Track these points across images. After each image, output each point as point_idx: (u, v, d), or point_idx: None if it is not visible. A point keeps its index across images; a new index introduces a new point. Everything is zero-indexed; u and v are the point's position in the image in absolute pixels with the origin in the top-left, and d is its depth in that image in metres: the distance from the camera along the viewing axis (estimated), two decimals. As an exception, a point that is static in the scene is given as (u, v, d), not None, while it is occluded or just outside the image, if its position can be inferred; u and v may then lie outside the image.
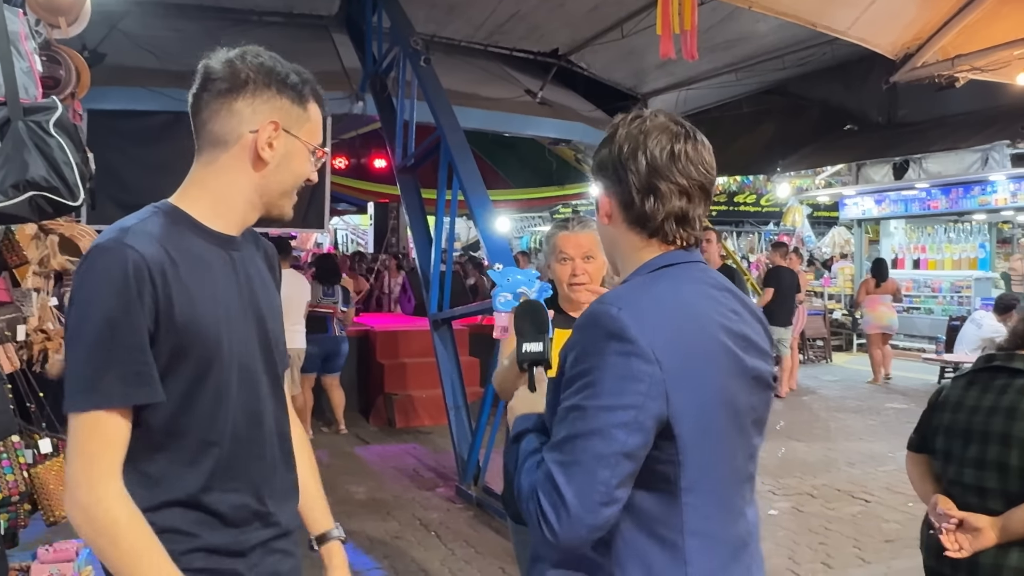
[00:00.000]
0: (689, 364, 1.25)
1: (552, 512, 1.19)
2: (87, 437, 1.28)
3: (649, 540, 1.27)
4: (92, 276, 1.29)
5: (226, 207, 1.44)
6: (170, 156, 7.53)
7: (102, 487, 1.27)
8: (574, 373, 1.24)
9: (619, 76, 10.90)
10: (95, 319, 1.27)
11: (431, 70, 6.28)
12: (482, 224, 5.31)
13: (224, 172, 1.43)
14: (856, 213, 14.70)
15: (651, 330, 1.22)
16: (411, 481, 5.94)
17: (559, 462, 1.21)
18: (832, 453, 6.85)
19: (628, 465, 1.21)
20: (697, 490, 1.27)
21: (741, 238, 20.51)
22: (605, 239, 1.47)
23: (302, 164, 1.47)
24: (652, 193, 1.32)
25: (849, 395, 9.71)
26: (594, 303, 1.30)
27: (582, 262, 2.38)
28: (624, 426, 1.19)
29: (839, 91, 11.22)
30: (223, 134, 1.41)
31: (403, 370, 8.06)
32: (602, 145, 1.40)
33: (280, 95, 1.42)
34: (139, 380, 1.29)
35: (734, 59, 10.01)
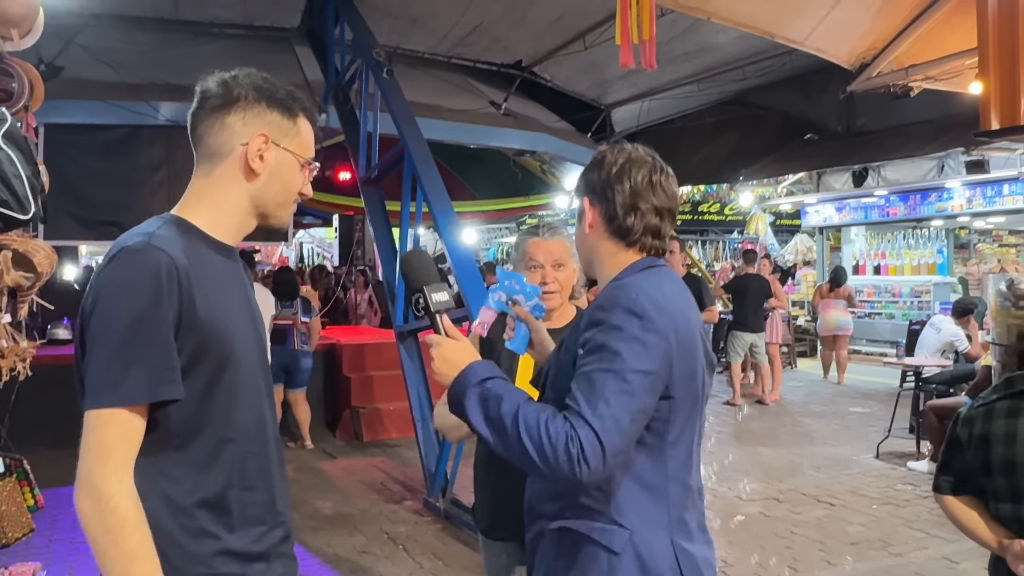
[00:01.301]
0: (683, 343, 1.54)
1: (592, 454, 1.39)
2: (104, 432, 1.32)
3: (640, 487, 1.55)
4: (121, 275, 1.35)
5: (224, 217, 1.52)
6: (129, 170, 7.58)
7: (117, 483, 1.31)
8: (600, 343, 1.48)
9: (582, 87, 10.99)
10: (124, 316, 1.32)
11: (394, 82, 6.27)
12: (447, 235, 5.30)
13: (219, 183, 1.51)
14: (818, 221, 14.92)
15: (661, 313, 1.51)
16: (378, 495, 5.89)
17: (597, 415, 1.42)
18: (797, 458, 6.92)
19: (643, 419, 1.49)
20: (678, 444, 1.58)
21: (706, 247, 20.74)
22: (584, 244, 1.73)
23: (293, 175, 1.55)
24: (634, 211, 1.64)
25: (813, 400, 9.82)
26: (611, 288, 1.57)
27: (552, 269, 2.33)
28: (646, 388, 1.47)
29: (799, 101, 11.41)
30: (217, 147, 1.50)
31: (370, 383, 8.00)
32: (591, 168, 1.70)
33: (270, 109, 1.51)
34: (164, 377, 1.34)
35: (695, 70, 10.14)
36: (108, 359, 1.32)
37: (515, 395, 1.50)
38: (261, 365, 1.56)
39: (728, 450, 7.22)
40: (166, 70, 7.38)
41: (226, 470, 1.44)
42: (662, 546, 1.55)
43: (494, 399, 1.49)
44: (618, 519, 1.54)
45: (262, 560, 1.48)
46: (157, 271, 1.34)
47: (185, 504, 1.39)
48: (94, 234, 7.52)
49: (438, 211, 5.40)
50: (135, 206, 7.48)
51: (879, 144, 10.79)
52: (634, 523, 1.54)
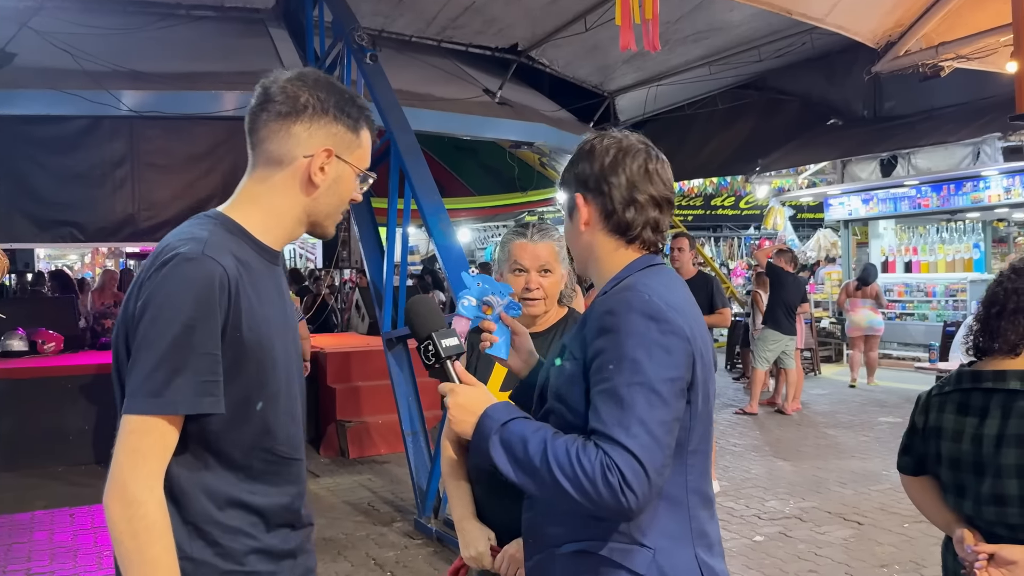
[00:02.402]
0: (698, 344, 1.55)
1: (635, 480, 1.39)
2: (141, 437, 1.42)
3: (660, 501, 1.54)
4: (174, 283, 1.44)
5: (276, 223, 1.63)
6: (88, 165, 7.57)
7: (148, 489, 1.41)
8: (619, 353, 1.47)
9: (584, 73, 11.00)
10: (174, 324, 1.41)
11: (379, 68, 6.27)
12: (437, 234, 5.30)
13: (277, 191, 1.61)
14: (842, 214, 14.92)
15: (677, 313, 1.52)
16: (365, 517, 5.88)
17: (631, 436, 1.42)
18: (821, 473, 6.91)
19: (677, 429, 1.50)
20: (698, 452, 1.59)
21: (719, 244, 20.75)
22: (579, 244, 1.72)
23: (350, 187, 1.66)
24: (632, 205, 1.64)
25: (839, 409, 9.81)
26: (618, 290, 1.56)
27: (537, 275, 2.32)
28: (675, 395, 1.48)
29: (821, 84, 11.42)
30: (279, 155, 1.59)
31: (356, 395, 7.99)
32: (579, 160, 1.70)
33: (336, 122, 1.60)
34: (207, 389, 1.44)
35: (706, 52, 10.15)
36: (154, 366, 1.41)
37: (540, 433, 1.51)
38: (298, 372, 1.70)
39: (745, 464, 7.21)
40: (129, 56, 7.37)
41: (258, 474, 1.57)
42: (687, 562, 1.56)
43: (519, 442, 1.50)
44: (639, 538, 1.54)
45: (290, 557, 1.63)
46: (211, 283, 1.44)
47: (221, 504, 1.52)
48: (50, 236, 7.50)
49: (428, 208, 5.40)
50: (96, 205, 7.48)
51: (909, 129, 10.79)
52: (657, 541, 1.55)
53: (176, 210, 7.63)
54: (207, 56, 7.88)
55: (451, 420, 1.63)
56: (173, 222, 8.11)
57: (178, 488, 1.49)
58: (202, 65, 7.76)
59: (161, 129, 7.68)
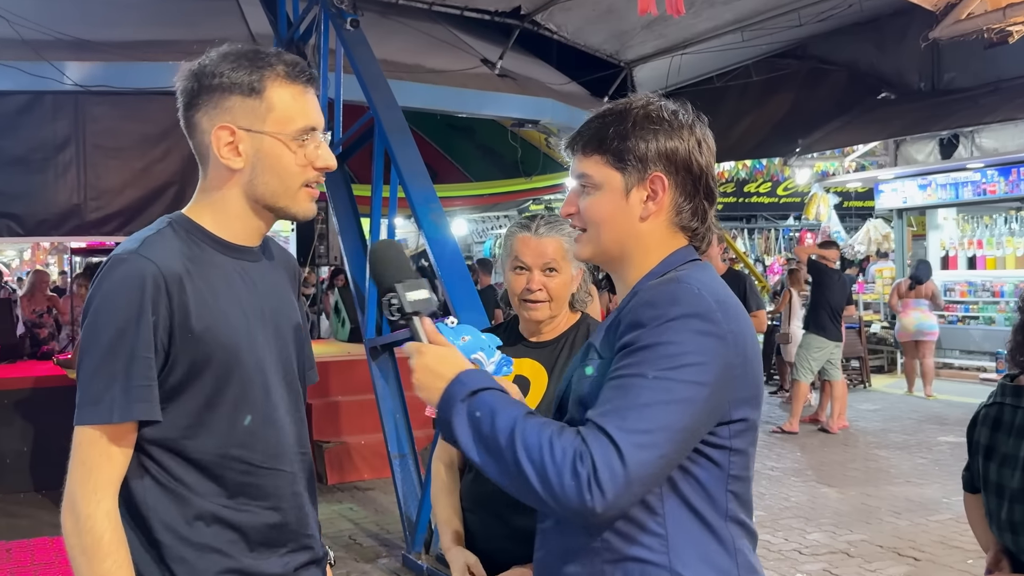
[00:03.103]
0: (747, 353, 1.51)
1: (609, 477, 1.33)
2: (88, 450, 1.55)
3: (699, 526, 1.51)
4: (107, 287, 1.56)
5: (227, 218, 1.71)
6: (27, 148, 7.58)
7: (95, 502, 1.54)
8: (644, 344, 1.43)
9: (597, 40, 10.98)
10: (108, 328, 1.54)
11: (360, 35, 6.28)
12: (428, 226, 5.31)
13: (212, 185, 1.71)
14: (895, 202, 14.89)
15: (728, 315, 1.48)
16: (346, 551, 5.90)
17: (623, 429, 1.36)
18: (872, 501, 6.90)
19: (689, 444, 1.44)
20: (742, 479, 1.56)
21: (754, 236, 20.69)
22: (627, 232, 1.61)
23: (282, 158, 1.66)
24: (710, 196, 1.62)
25: (892, 427, 9.80)
26: (661, 283, 1.51)
27: (540, 274, 2.30)
28: (696, 403, 1.41)
29: (870, 52, 11.41)
30: (200, 149, 1.70)
31: (336, 411, 8.02)
32: (663, 135, 1.58)
33: (228, 93, 1.63)
34: (141, 395, 1.54)
35: (738, 15, 10.12)
36: (91, 374, 1.55)
37: (513, 408, 1.45)
38: (282, 373, 1.76)
39: (784, 491, 7.21)
40: (73, 22, 7.39)
41: (232, 485, 1.64)
42: None
43: (487, 414, 1.44)
44: (682, 572, 1.48)
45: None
46: (140, 282, 1.54)
47: (189, 518, 1.61)
48: None
49: (417, 196, 5.41)
50: (36, 194, 7.49)
51: (972, 104, 10.77)
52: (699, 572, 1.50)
53: (128, 199, 7.65)
54: (164, 22, 7.89)
55: (415, 384, 1.57)
56: (125, 213, 8.12)
57: (142, 502, 1.60)
58: (158, 32, 7.77)
59: (111, 106, 7.69)
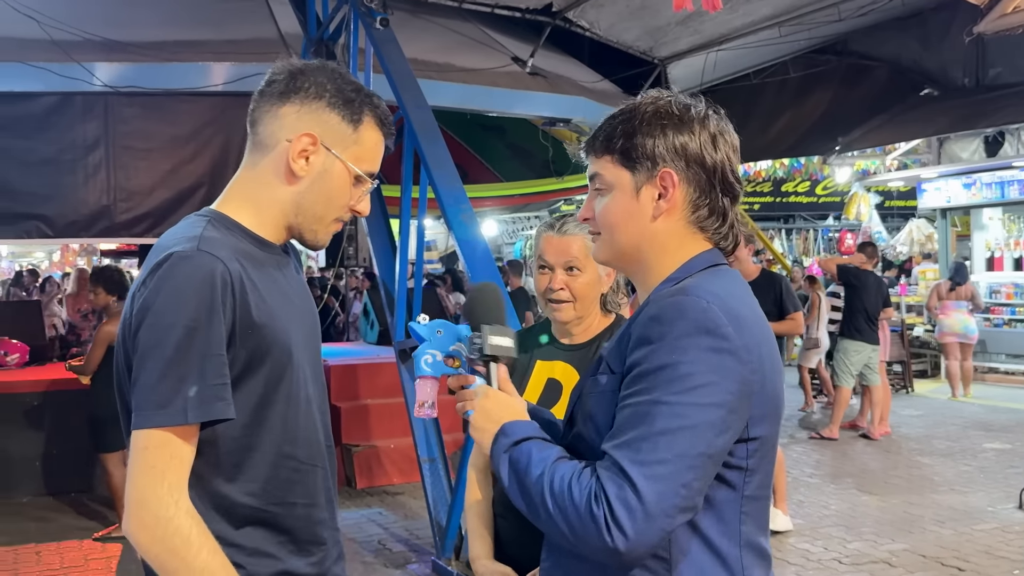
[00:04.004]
0: (764, 367, 1.47)
1: (626, 515, 1.32)
2: (156, 454, 1.51)
3: (708, 553, 1.47)
4: (173, 284, 1.53)
5: (267, 218, 1.72)
6: (57, 149, 7.68)
7: (172, 503, 1.50)
8: (653, 366, 1.40)
9: (630, 37, 10.94)
10: (175, 328, 1.51)
11: (390, 34, 6.30)
12: (458, 227, 5.31)
13: (262, 179, 1.71)
14: (939, 201, 14.75)
15: (741, 328, 1.43)
16: (375, 557, 5.91)
17: (636, 461, 1.34)
18: (915, 509, 6.83)
19: (711, 469, 1.40)
20: (758, 499, 1.51)
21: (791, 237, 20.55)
22: (642, 233, 1.58)
23: (340, 188, 1.71)
24: (731, 193, 1.57)
25: (936, 433, 9.69)
26: (669, 293, 1.47)
27: (563, 274, 2.33)
28: (713, 426, 1.37)
29: (912, 47, 11.30)
30: (266, 137, 1.70)
31: (365, 414, 8.03)
32: (671, 130, 1.54)
33: (330, 109, 1.68)
34: (217, 394, 1.53)
35: (776, 10, 10.06)
36: (159, 375, 1.50)
37: (547, 452, 1.47)
38: (316, 372, 1.79)
39: (823, 499, 7.15)
40: (103, 23, 7.46)
41: (283, 484, 1.66)
42: None
43: (525, 463, 1.47)
44: None
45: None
46: (211, 280, 1.53)
47: (242, 523, 1.62)
48: (13, 231, 7.62)
49: (447, 197, 5.41)
50: (66, 195, 7.59)
51: (1018, 100, 10.63)
52: None
53: (157, 200, 7.73)
54: (192, 23, 7.95)
55: (472, 426, 1.61)
56: (154, 214, 8.22)
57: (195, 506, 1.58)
58: (187, 33, 7.85)
59: (140, 107, 7.78)
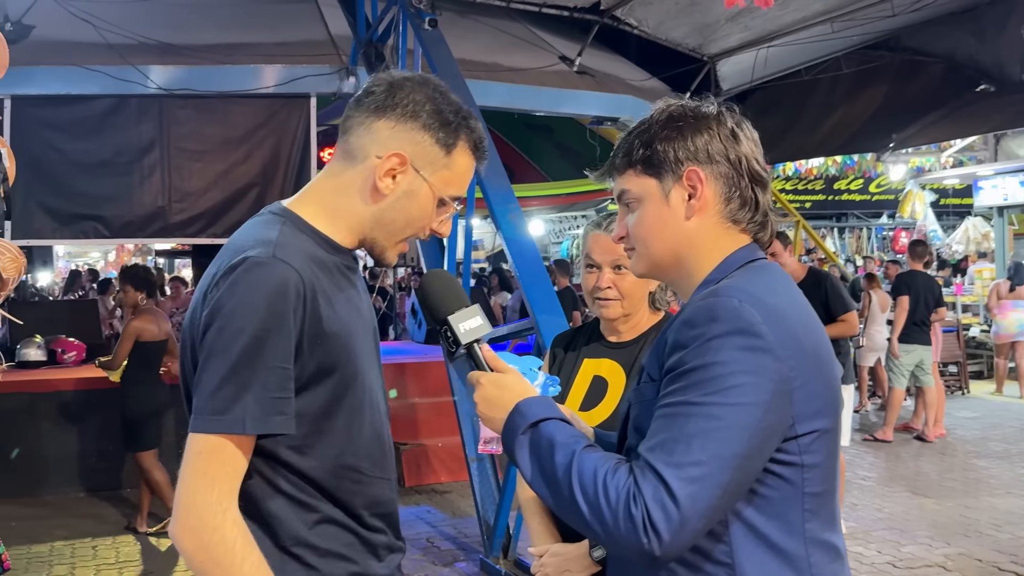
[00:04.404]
0: (808, 363, 1.45)
1: (662, 517, 1.32)
2: (209, 460, 1.50)
3: (769, 553, 1.45)
4: (245, 289, 1.52)
5: (343, 225, 1.71)
6: (113, 151, 7.81)
7: (220, 512, 1.49)
8: (687, 368, 1.40)
9: (679, 34, 10.87)
10: (242, 335, 1.49)
11: (439, 35, 6.34)
12: (505, 226, 5.33)
13: (344, 190, 1.70)
14: (996, 199, 14.52)
15: (776, 326, 1.42)
16: (424, 554, 5.95)
17: (671, 463, 1.34)
18: (972, 512, 6.75)
19: (748, 470, 1.39)
20: (820, 495, 1.49)
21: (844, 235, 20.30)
22: (677, 235, 1.59)
23: (423, 210, 1.71)
24: (759, 182, 1.58)
25: (992, 436, 9.54)
26: (702, 296, 1.48)
27: (611, 272, 2.35)
28: (748, 427, 1.37)
29: (968, 42, 11.11)
30: (355, 149, 1.69)
31: (413, 413, 8.08)
32: (688, 130, 1.57)
33: (425, 130, 1.67)
34: (277, 407, 1.52)
35: (828, 6, 9.95)
36: (221, 381, 1.49)
37: (572, 441, 1.46)
38: (380, 381, 1.79)
39: (877, 502, 7.07)
40: (157, 27, 7.57)
41: (352, 497, 1.66)
42: None
43: (547, 447, 1.46)
44: None
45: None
46: (284, 290, 1.52)
47: (311, 524, 1.63)
48: (70, 232, 7.75)
49: (495, 196, 5.43)
50: (122, 196, 7.72)
51: (1078, 96, 10.44)
52: None
53: (211, 201, 7.83)
54: (244, 25, 8.05)
55: (480, 415, 1.63)
56: (208, 215, 8.33)
57: (265, 510, 1.59)
58: (239, 35, 7.95)
59: (193, 109, 7.89)
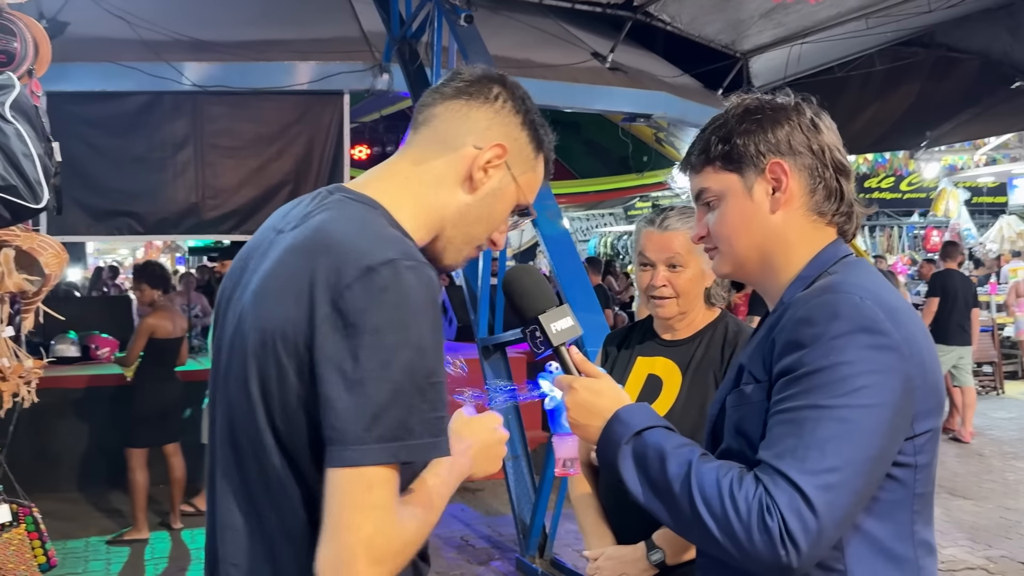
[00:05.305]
0: (925, 360, 1.42)
1: (800, 528, 1.28)
2: (381, 492, 1.26)
3: (883, 560, 1.42)
4: (400, 298, 1.29)
5: (423, 220, 1.51)
6: (147, 148, 7.83)
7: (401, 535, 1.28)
8: (810, 369, 1.35)
9: (711, 31, 10.83)
10: (404, 349, 1.28)
11: (474, 30, 6.32)
12: (542, 223, 5.28)
13: (432, 179, 1.52)
14: (1030, 197, 14.40)
15: (897, 323, 1.39)
16: (458, 553, 5.94)
17: (805, 471, 1.30)
18: (1012, 514, 6.68)
19: (880, 474, 1.37)
20: (924, 496, 1.47)
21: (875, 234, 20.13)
22: (763, 231, 1.55)
23: (503, 213, 1.57)
24: (842, 171, 1.54)
25: (1031, 437, 9.44)
26: (815, 294, 1.42)
27: (665, 270, 2.30)
28: (881, 428, 1.34)
29: (1003, 38, 11.01)
30: (449, 136, 1.52)
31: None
32: (768, 123, 1.53)
33: (524, 128, 1.55)
34: (444, 428, 1.34)
35: (863, 2, 9.86)
36: (385, 403, 1.26)
37: (684, 451, 1.42)
38: None
39: (915, 503, 6.99)
40: (191, 23, 7.60)
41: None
42: None
43: (655, 458, 1.42)
44: None
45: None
46: (434, 295, 1.34)
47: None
48: (105, 228, 7.79)
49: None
50: (156, 193, 7.75)
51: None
52: None
53: (244, 199, 7.85)
54: (278, 22, 8.07)
55: (571, 423, 1.56)
56: (241, 212, 8.33)
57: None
58: (273, 32, 7.96)
59: (227, 106, 7.90)
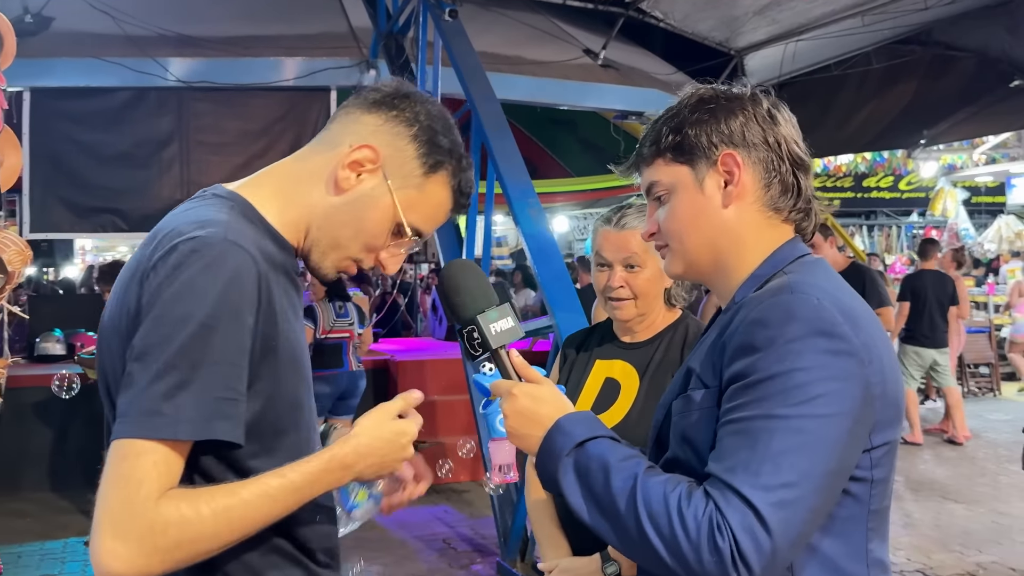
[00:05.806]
0: (885, 367, 1.35)
1: (752, 548, 1.19)
2: (135, 464, 1.23)
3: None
4: (192, 273, 1.27)
5: (292, 216, 1.50)
6: (131, 144, 7.81)
7: (152, 507, 1.22)
8: (763, 376, 1.27)
9: (705, 28, 10.82)
10: (186, 323, 1.25)
11: (459, 26, 6.30)
12: (524, 221, 5.25)
13: (304, 176, 1.51)
14: (1029, 197, 14.41)
15: (857, 326, 1.32)
16: (440, 556, 5.91)
17: (758, 486, 1.21)
18: (1004, 519, 6.65)
19: (837, 489, 1.29)
20: (879, 512, 1.40)
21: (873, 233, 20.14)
22: (714, 225, 1.47)
23: (378, 225, 1.50)
24: (800, 165, 1.47)
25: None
26: (769, 294, 1.35)
27: (622, 270, 2.25)
28: (840, 440, 1.26)
29: (1001, 37, 11.00)
30: (333, 135, 1.53)
31: (432, 410, 8.01)
32: (721, 113, 1.46)
33: (412, 141, 1.50)
34: (222, 410, 1.27)
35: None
36: (154, 376, 1.24)
37: (629, 464, 1.31)
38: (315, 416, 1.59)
39: (905, 507, 6.98)
40: (176, 19, 7.60)
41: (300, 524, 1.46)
42: None
43: (599, 471, 1.32)
44: None
45: None
46: (239, 275, 1.30)
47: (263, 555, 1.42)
48: (88, 225, 7.78)
49: (514, 191, 5.36)
50: (140, 189, 7.74)
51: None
52: None
53: (229, 195, 7.84)
54: (264, 17, 8.07)
55: (509, 432, 1.45)
56: (224, 209, 8.35)
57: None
58: (259, 28, 7.96)
59: (212, 102, 7.90)
